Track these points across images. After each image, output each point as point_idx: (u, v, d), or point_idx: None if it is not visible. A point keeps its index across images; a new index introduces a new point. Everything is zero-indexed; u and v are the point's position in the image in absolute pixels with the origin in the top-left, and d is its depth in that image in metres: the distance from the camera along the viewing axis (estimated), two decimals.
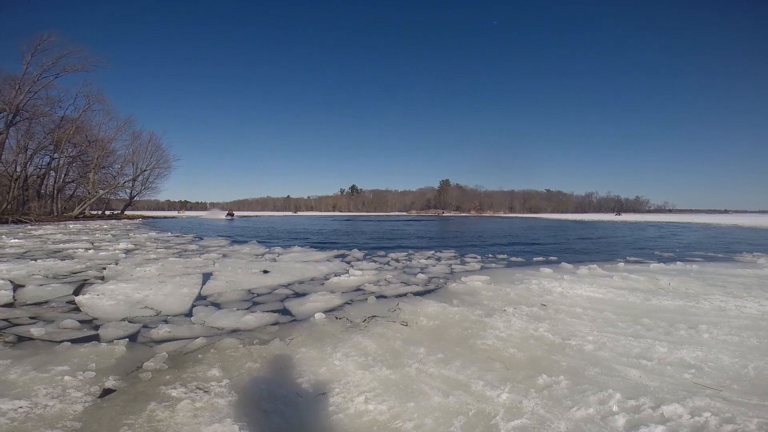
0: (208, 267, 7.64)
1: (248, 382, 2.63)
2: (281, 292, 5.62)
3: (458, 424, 2.08)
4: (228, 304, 4.86)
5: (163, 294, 5.24)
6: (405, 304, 4.64)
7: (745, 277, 6.66)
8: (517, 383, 2.56)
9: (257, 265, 7.85)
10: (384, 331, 3.69)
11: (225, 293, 5.46)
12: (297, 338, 3.50)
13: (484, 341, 3.39)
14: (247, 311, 4.47)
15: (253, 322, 4.08)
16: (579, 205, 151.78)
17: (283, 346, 3.31)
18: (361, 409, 2.28)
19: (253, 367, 2.88)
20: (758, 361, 2.85)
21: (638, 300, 4.90)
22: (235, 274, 6.80)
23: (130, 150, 44.44)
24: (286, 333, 3.68)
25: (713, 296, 5.03)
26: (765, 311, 4.29)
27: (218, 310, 4.54)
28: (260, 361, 2.98)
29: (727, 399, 2.31)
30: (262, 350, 3.20)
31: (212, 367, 2.84)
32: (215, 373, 2.75)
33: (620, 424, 2.05)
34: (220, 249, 11.31)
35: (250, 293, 5.52)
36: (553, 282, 5.88)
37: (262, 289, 5.75)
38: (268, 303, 4.98)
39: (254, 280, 6.40)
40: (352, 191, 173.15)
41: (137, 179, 47.10)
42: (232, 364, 2.93)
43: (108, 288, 5.47)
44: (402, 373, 2.76)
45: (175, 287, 5.65)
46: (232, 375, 2.74)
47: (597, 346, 3.25)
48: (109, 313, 4.38)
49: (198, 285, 5.91)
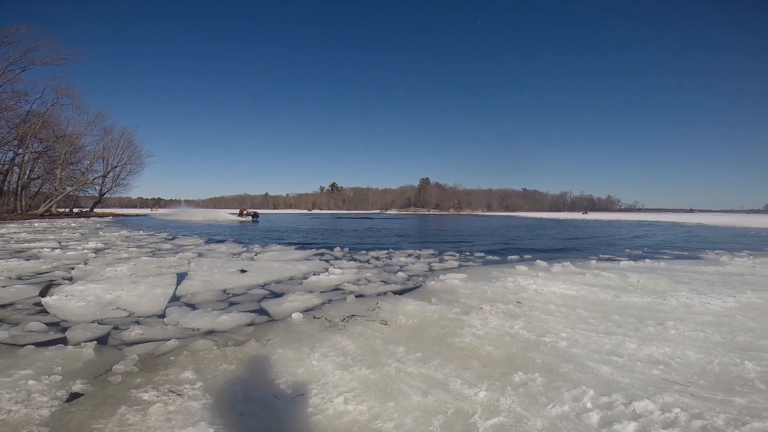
0: (183, 266, 7.46)
1: (223, 385, 2.59)
2: (258, 291, 5.54)
3: (437, 424, 2.10)
4: (203, 305, 4.76)
5: (135, 295, 5.09)
6: (384, 303, 4.64)
7: (708, 274, 6.96)
8: (494, 381, 2.60)
9: (234, 265, 7.70)
10: (363, 330, 3.69)
11: (200, 293, 5.35)
12: (274, 339, 3.46)
13: (461, 339, 3.43)
14: (223, 312, 4.39)
15: (229, 322, 4.01)
16: (554, 203, 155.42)
17: (259, 347, 3.26)
18: (340, 409, 2.27)
19: (228, 368, 2.83)
20: (722, 357, 2.97)
21: (609, 297, 5.05)
22: (211, 274, 6.66)
23: (101, 146, 43.08)
24: (263, 333, 3.63)
25: (679, 293, 5.23)
26: (727, 307, 4.49)
27: (193, 311, 4.44)
28: (236, 363, 2.93)
29: (694, 394, 2.40)
30: (237, 351, 3.15)
31: (185, 370, 2.78)
32: (189, 376, 2.69)
33: (594, 421, 2.10)
34: (196, 248, 11.04)
35: (225, 293, 5.42)
36: (528, 279, 6.00)
37: (238, 289, 5.66)
38: (245, 303, 4.90)
39: (231, 279, 6.28)
40: (332, 189, 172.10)
41: (107, 176, 45.67)
42: (207, 366, 2.87)
43: (77, 289, 5.27)
44: (381, 372, 2.76)
45: (148, 287, 5.49)
46: (207, 377, 2.69)
47: (570, 342, 3.34)
48: (79, 315, 4.22)
49: (172, 285, 5.76)
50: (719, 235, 20.76)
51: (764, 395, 2.38)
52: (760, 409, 2.20)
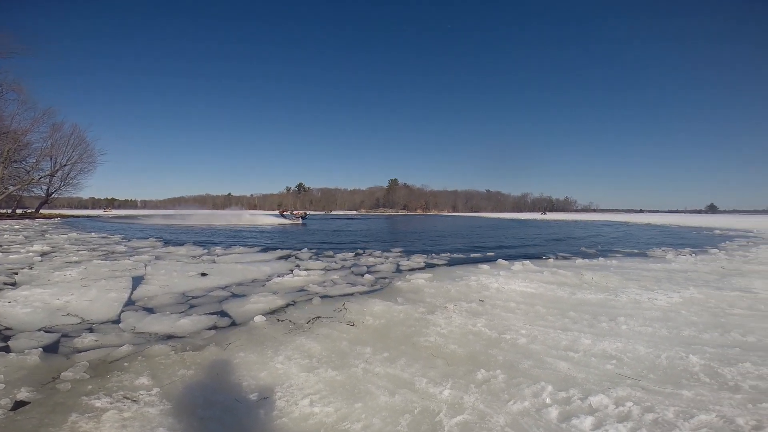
0: (139, 270, 7.12)
1: (182, 390, 2.51)
2: (219, 294, 5.38)
3: (405, 423, 2.13)
4: (160, 309, 4.58)
5: (87, 299, 4.82)
6: (351, 303, 4.64)
7: (656, 271, 7.41)
8: (458, 379, 2.66)
9: (194, 267, 7.44)
10: (329, 332, 3.67)
11: (157, 297, 5.13)
12: (235, 342, 3.38)
13: (427, 338, 3.48)
14: (182, 315, 4.24)
15: (188, 326, 3.89)
16: (515, 204, 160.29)
17: (219, 351, 3.18)
18: (306, 411, 2.25)
19: (186, 374, 2.75)
20: (669, 351, 3.16)
21: (565, 294, 5.28)
22: (170, 277, 6.41)
23: (49, 143, 40.33)
24: (224, 337, 3.54)
25: (629, 290, 5.54)
26: (673, 303, 4.81)
27: (149, 315, 4.26)
28: (195, 368, 2.85)
29: (645, 388, 2.54)
30: (196, 356, 3.06)
31: (141, 376, 2.68)
32: (144, 382, 2.60)
33: (553, 416, 2.19)
34: (153, 250, 10.56)
35: (185, 296, 5.23)
36: (490, 278, 6.17)
37: (198, 292, 5.47)
38: (205, 306, 4.75)
39: (190, 282, 6.07)
40: (299, 189, 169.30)
41: (56, 175, 42.89)
42: (163, 372, 2.78)
43: (21, 294, 4.93)
44: (348, 373, 2.76)
45: (100, 292, 5.21)
46: (164, 383, 2.60)
47: (529, 339, 3.46)
48: (25, 322, 3.96)
49: (127, 289, 5.49)
50: (665, 233, 22.12)
51: (708, 388, 2.54)
52: (705, 401, 2.34)
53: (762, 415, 2.15)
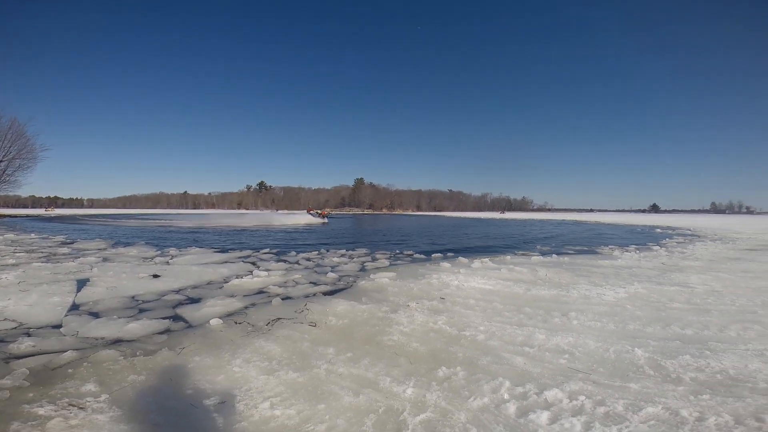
0: (85, 272, 6.69)
1: (133, 396, 2.40)
2: (173, 297, 5.15)
3: (369, 423, 2.13)
4: (108, 313, 4.33)
5: (26, 304, 4.49)
6: (313, 304, 4.59)
7: (604, 267, 7.85)
8: (421, 377, 2.70)
9: (146, 269, 7.09)
10: (290, 333, 3.61)
11: (104, 301, 4.85)
12: (190, 346, 3.26)
13: (390, 337, 3.51)
14: (131, 319, 4.04)
15: (138, 331, 3.71)
16: (476, 204, 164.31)
17: (173, 355, 3.06)
18: (267, 415, 2.21)
19: (137, 379, 2.63)
20: (616, 345, 3.35)
21: (521, 290, 5.48)
22: (118, 280, 6.07)
23: None
24: (177, 341, 3.41)
25: (580, 285, 5.84)
26: (619, 298, 5.11)
27: (95, 320, 4.04)
28: (146, 373, 2.73)
29: (596, 382, 2.67)
30: (147, 361, 2.93)
31: (87, 382, 2.55)
32: (91, 388, 2.47)
33: (512, 412, 2.26)
34: (100, 252, 9.95)
35: (135, 300, 4.96)
36: (450, 276, 6.31)
37: (149, 295, 5.21)
38: (157, 310, 4.54)
39: (141, 285, 5.78)
40: (260, 188, 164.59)
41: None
42: (112, 378, 2.65)
43: None
44: (311, 375, 2.73)
45: (41, 296, 4.86)
46: (113, 389, 2.48)
47: (488, 335, 3.57)
48: None
49: (71, 293, 5.16)
50: (613, 231, 23.50)
51: (653, 380, 2.70)
52: (651, 394, 2.49)
53: (703, 406, 2.31)
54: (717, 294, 5.36)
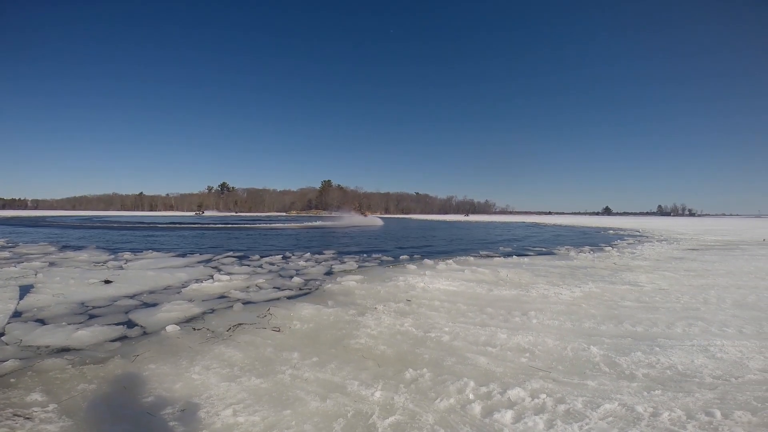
0: (29, 278, 6.25)
1: (84, 406, 2.28)
2: (126, 303, 4.90)
3: (338, 428, 2.11)
4: (54, 320, 4.08)
5: None
6: (277, 308, 4.49)
7: (561, 267, 8.19)
8: (389, 380, 2.70)
9: (97, 274, 6.70)
10: (252, 338, 3.53)
11: (50, 307, 4.55)
12: (144, 354, 3.12)
13: (357, 340, 3.50)
14: (80, 326, 3.82)
15: (88, 338, 3.51)
16: (442, 206, 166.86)
17: (126, 363, 2.92)
18: (229, 422, 2.14)
19: (88, 388, 2.49)
20: (573, 343, 3.49)
21: (484, 291, 5.62)
22: (66, 286, 5.70)
23: None
24: (131, 349, 3.25)
25: (539, 285, 6.05)
26: (575, 297, 5.34)
27: (40, 327, 3.79)
28: (97, 382, 2.59)
29: (556, 380, 2.76)
30: (99, 370, 2.79)
31: (32, 392, 2.41)
32: (37, 398, 2.33)
33: (477, 412, 2.30)
34: (46, 256, 9.32)
35: (84, 306, 4.69)
36: (416, 278, 6.37)
37: (100, 302, 4.93)
38: (108, 316, 4.31)
39: (91, 291, 5.45)
40: (222, 189, 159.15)
41: None
42: (60, 387, 2.50)
43: None
44: (275, 380, 2.67)
45: None
46: (61, 399, 2.34)
47: (452, 336, 3.63)
48: None
49: (14, 299, 4.80)
50: (569, 233, 24.56)
51: (609, 377, 2.82)
52: (608, 390, 2.59)
53: (656, 402, 2.43)
54: (663, 292, 5.71)
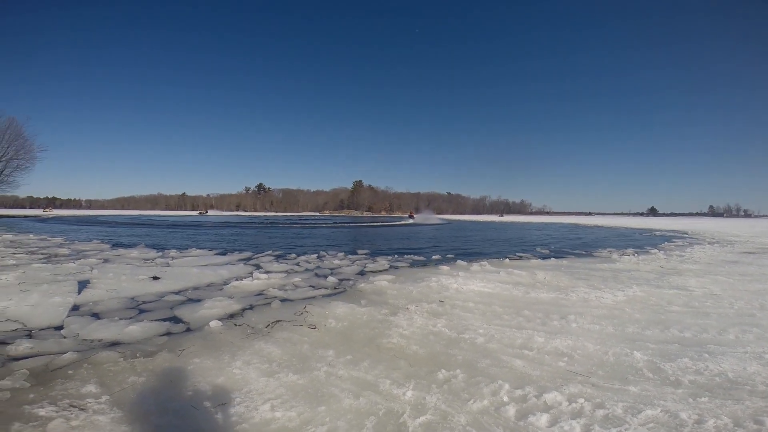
0: (85, 274, 6.70)
1: (133, 398, 2.41)
2: (172, 299, 5.16)
3: (370, 425, 2.14)
4: (107, 314, 4.34)
5: (28, 305, 4.50)
6: (313, 306, 4.60)
7: (602, 270, 7.87)
8: (421, 379, 2.71)
9: (146, 271, 7.09)
10: (290, 335, 3.62)
11: (104, 302, 4.86)
12: (190, 348, 3.27)
13: (389, 340, 3.52)
14: (131, 321, 4.04)
15: (138, 332, 3.71)
16: (475, 207, 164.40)
17: (173, 357, 3.07)
18: (267, 417, 2.21)
19: (137, 381, 2.64)
20: (615, 348, 3.36)
21: (520, 293, 5.49)
22: (118, 281, 6.07)
23: None
24: (177, 343, 3.42)
25: (579, 289, 5.85)
26: (618, 301, 5.12)
27: (96, 321, 4.04)
28: (146, 375, 2.74)
29: (595, 385, 2.68)
30: (148, 363, 2.94)
31: (87, 384, 2.56)
32: (92, 390, 2.48)
33: (511, 414, 2.26)
34: (101, 254, 9.94)
35: (134, 301, 4.98)
36: (449, 279, 6.31)
37: (149, 297, 5.22)
38: (157, 311, 4.55)
39: (141, 287, 5.78)
40: (258, 190, 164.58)
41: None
42: (112, 379, 2.66)
43: None
44: (311, 377, 2.74)
45: (43, 296, 4.87)
46: (113, 390, 2.49)
47: (487, 338, 3.58)
48: None
49: (72, 294, 5.16)
50: (611, 235, 23.54)
51: (652, 383, 2.71)
52: (651, 396, 2.49)
53: (702, 409, 2.32)
54: (715, 297, 5.39)
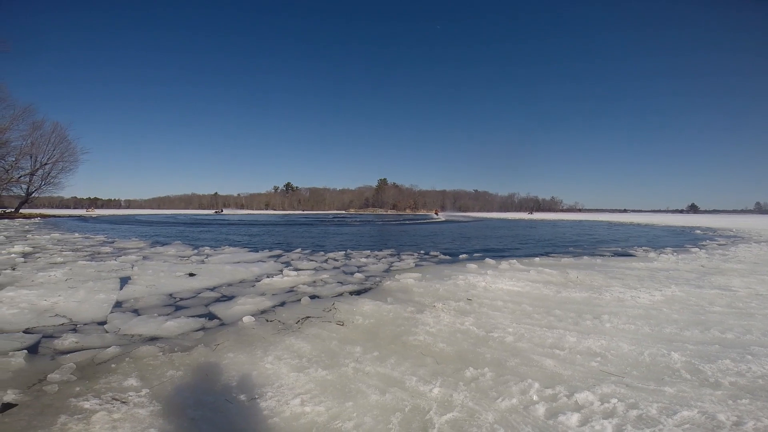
0: (126, 270, 7.03)
1: (171, 391, 2.50)
2: (207, 295, 5.35)
3: (396, 421, 2.15)
4: (147, 310, 4.54)
5: (75, 300, 4.75)
6: (341, 303, 4.65)
7: (638, 270, 7.58)
8: (447, 377, 2.70)
9: (182, 268, 7.37)
10: (319, 331, 3.68)
11: (144, 298, 5.08)
12: (224, 343, 3.37)
13: (416, 337, 3.52)
14: (169, 317, 4.22)
15: (175, 328, 3.86)
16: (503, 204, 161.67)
17: (208, 352, 3.17)
18: (297, 411, 2.26)
19: (175, 375, 2.74)
20: (651, 348, 3.24)
21: (551, 292, 5.37)
22: (157, 278, 6.35)
23: (29, 141, 39.59)
24: (212, 338, 3.53)
25: (613, 288, 5.65)
26: (655, 301, 4.93)
27: (136, 317, 4.23)
28: (183, 369, 2.84)
29: (629, 385, 2.59)
30: (185, 357, 3.05)
31: (129, 377, 2.67)
32: (133, 383, 2.58)
33: (541, 413, 2.23)
34: (140, 251, 10.41)
35: (172, 298, 5.19)
36: (477, 277, 6.24)
37: (186, 293, 5.43)
38: (193, 307, 4.72)
39: (178, 283, 6.02)
40: (287, 189, 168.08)
41: (36, 174, 42.05)
42: (152, 373, 2.77)
43: (6, 295, 4.84)
44: (339, 373, 2.78)
45: (88, 293, 5.14)
46: (153, 384, 2.59)
47: (516, 337, 3.52)
48: (11, 323, 3.91)
49: (115, 290, 5.42)
50: (648, 233, 22.57)
51: (690, 384, 2.61)
52: (687, 398, 2.40)
53: (742, 411, 2.22)
54: (762, 298, 5.10)
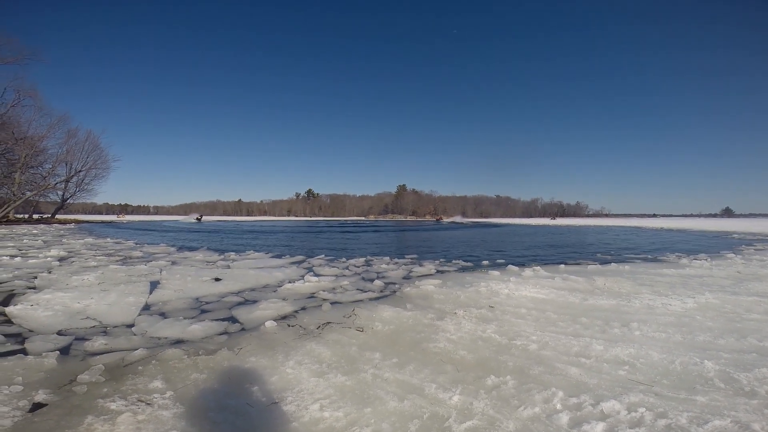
0: (155, 275, 7.25)
1: (194, 394, 2.55)
2: (231, 299, 5.44)
3: (414, 428, 2.13)
4: (174, 313, 4.65)
5: (106, 303, 4.93)
6: (361, 309, 4.65)
7: (669, 276, 7.29)
8: (468, 385, 2.66)
9: (209, 273, 7.53)
10: (339, 337, 3.69)
11: (171, 302, 5.22)
12: (246, 347, 3.42)
13: (436, 344, 3.48)
14: (194, 320, 4.30)
15: (200, 331, 3.94)
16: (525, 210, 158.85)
17: (231, 355, 3.22)
18: (316, 416, 2.26)
19: (199, 378, 2.79)
20: (683, 357, 3.11)
21: (577, 300, 5.22)
22: (184, 282, 6.50)
23: (64, 149, 41.55)
24: (235, 342, 3.58)
25: (642, 295, 5.46)
26: (687, 308, 4.73)
27: (163, 320, 4.33)
28: (207, 372, 2.89)
29: (658, 394, 2.50)
30: (208, 360, 3.10)
31: (154, 379, 2.73)
32: (158, 385, 2.64)
33: (564, 422, 2.16)
34: (169, 256, 10.74)
35: (198, 302, 5.30)
36: (500, 284, 6.12)
37: (211, 297, 5.54)
38: (217, 311, 4.81)
39: (204, 287, 6.15)
40: (308, 195, 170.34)
41: (71, 180, 44.01)
42: (176, 376, 2.82)
43: (43, 298, 5.06)
44: (358, 378, 2.77)
45: (119, 296, 5.32)
46: (177, 386, 2.64)
47: (540, 345, 3.44)
48: (45, 325, 4.07)
49: (145, 293, 5.60)
50: (679, 238, 21.75)
51: (723, 393, 2.49)
52: (720, 407, 2.30)
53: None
54: None
